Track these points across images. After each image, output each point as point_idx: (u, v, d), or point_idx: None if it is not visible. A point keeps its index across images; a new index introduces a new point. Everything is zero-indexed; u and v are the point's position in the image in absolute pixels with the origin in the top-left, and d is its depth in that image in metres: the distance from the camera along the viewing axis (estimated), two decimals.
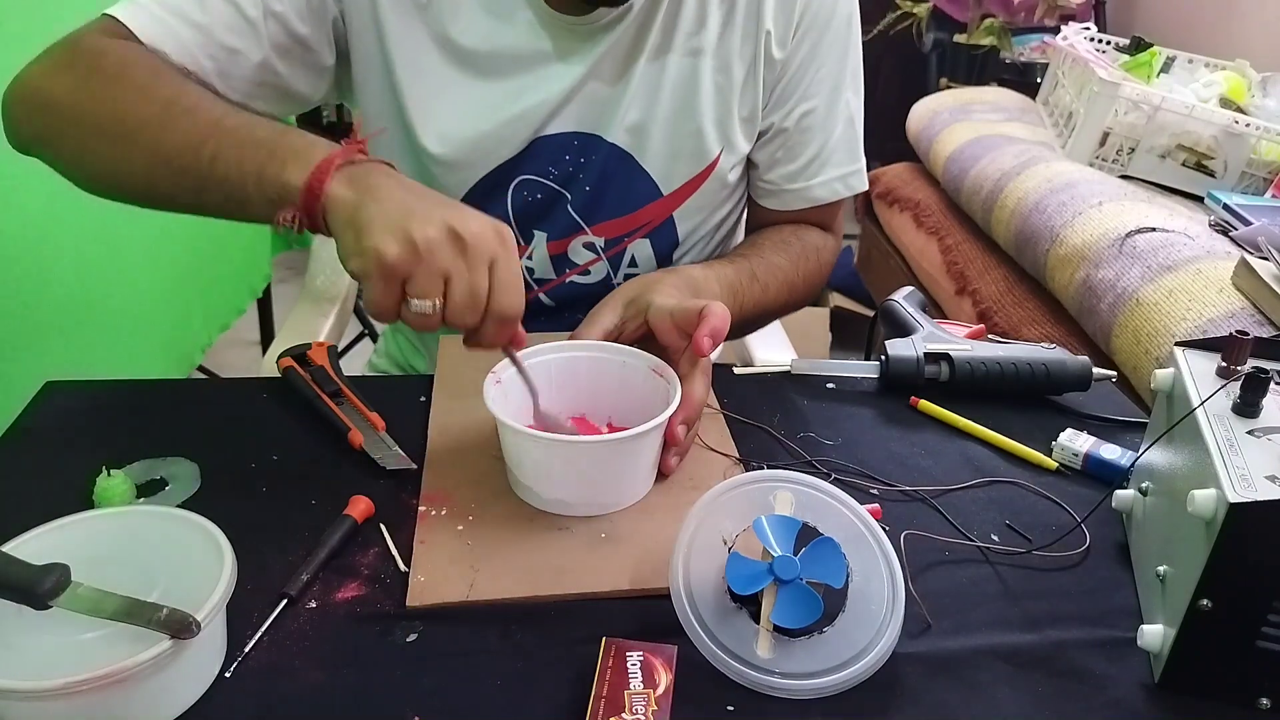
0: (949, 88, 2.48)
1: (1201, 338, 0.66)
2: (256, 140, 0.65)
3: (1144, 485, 0.66)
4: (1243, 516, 0.50)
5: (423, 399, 0.79)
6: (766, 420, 0.79)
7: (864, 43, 0.98)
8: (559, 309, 0.99)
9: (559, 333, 0.79)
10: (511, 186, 0.92)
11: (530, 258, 0.96)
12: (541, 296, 0.98)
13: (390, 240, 0.58)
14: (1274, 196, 1.47)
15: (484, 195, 0.91)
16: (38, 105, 0.73)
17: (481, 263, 0.60)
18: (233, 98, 0.76)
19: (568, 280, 0.97)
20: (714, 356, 1.22)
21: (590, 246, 0.96)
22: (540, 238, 0.95)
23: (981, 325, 0.94)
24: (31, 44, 0.75)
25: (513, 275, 0.61)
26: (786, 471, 0.61)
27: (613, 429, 0.65)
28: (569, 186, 0.92)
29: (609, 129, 0.90)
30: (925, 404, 0.82)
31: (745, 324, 0.96)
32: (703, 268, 0.88)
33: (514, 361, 0.66)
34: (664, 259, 0.99)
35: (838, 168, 0.98)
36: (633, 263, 0.98)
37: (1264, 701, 0.54)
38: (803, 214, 1.01)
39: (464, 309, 0.60)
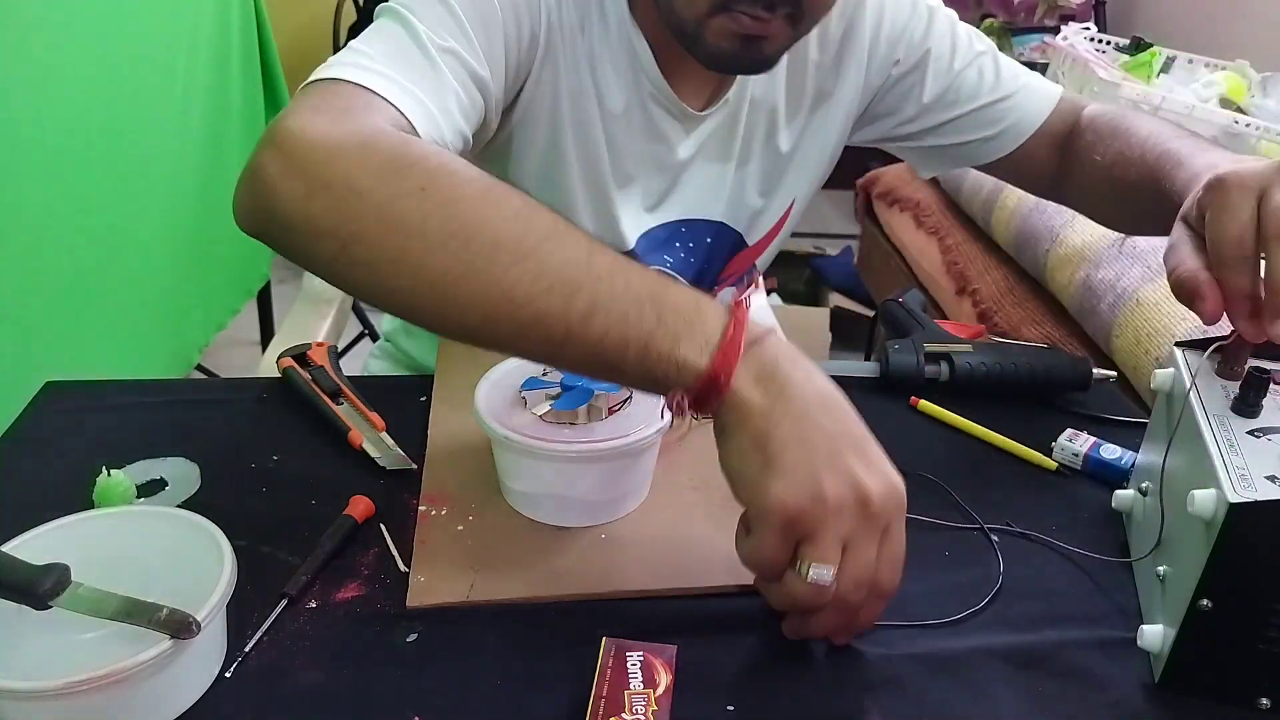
0: None
1: (1201, 338, 0.66)
2: (637, 295, 0.52)
3: (1144, 485, 0.65)
4: (1243, 516, 0.50)
5: (423, 399, 0.79)
6: None
7: None
8: None
9: None
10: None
11: None
12: None
13: (800, 490, 0.50)
14: None
15: None
16: (335, 191, 0.53)
17: (878, 531, 0.52)
18: None
19: None
20: None
21: None
22: None
23: (981, 325, 0.94)
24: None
25: (900, 547, 0.53)
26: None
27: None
28: (684, 269, 0.95)
29: (711, 210, 0.93)
30: (925, 404, 0.82)
31: None
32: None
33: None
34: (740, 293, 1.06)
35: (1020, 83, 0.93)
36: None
37: (1264, 701, 0.54)
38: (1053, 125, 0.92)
39: (857, 584, 0.52)
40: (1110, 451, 0.74)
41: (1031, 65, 2.06)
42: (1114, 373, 0.88)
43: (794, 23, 0.74)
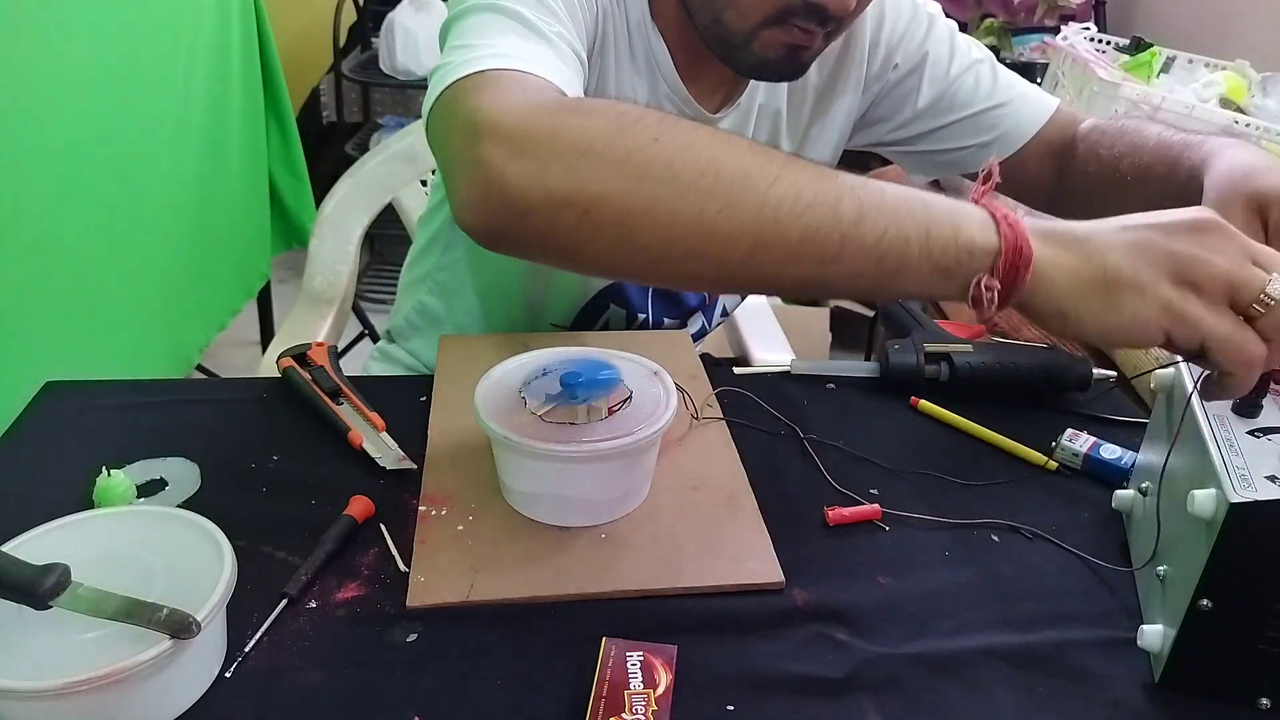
0: None
1: None
2: (896, 194, 0.52)
3: (1144, 485, 0.65)
4: (1243, 516, 0.50)
5: (423, 399, 0.79)
6: (766, 421, 0.79)
7: None
8: None
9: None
10: None
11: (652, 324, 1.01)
12: None
13: (1159, 295, 0.49)
14: None
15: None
16: (568, 158, 0.51)
17: (1238, 249, 0.50)
18: None
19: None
20: (714, 352, 1.23)
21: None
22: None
23: (981, 325, 0.94)
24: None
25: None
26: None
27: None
28: None
29: None
30: (925, 404, 0.82)
31: None
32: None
33: None
34: (735, 304, 1.11)
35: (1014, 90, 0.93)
36: (724, 311, 1.07)
37: (1264, 701, 0.54)
38: (1049, 135, 0.92)
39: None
40: (1110, 451, 0.74)
41: (1031, 65, 2.05)
42: (1114, 373, 0.88)
43: (829, 36, 0.77)
